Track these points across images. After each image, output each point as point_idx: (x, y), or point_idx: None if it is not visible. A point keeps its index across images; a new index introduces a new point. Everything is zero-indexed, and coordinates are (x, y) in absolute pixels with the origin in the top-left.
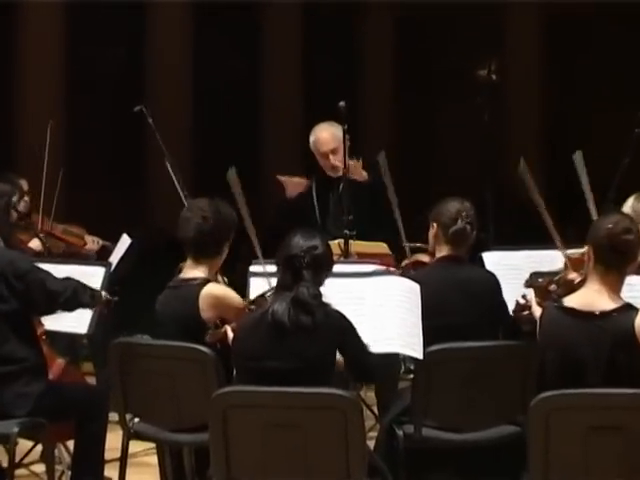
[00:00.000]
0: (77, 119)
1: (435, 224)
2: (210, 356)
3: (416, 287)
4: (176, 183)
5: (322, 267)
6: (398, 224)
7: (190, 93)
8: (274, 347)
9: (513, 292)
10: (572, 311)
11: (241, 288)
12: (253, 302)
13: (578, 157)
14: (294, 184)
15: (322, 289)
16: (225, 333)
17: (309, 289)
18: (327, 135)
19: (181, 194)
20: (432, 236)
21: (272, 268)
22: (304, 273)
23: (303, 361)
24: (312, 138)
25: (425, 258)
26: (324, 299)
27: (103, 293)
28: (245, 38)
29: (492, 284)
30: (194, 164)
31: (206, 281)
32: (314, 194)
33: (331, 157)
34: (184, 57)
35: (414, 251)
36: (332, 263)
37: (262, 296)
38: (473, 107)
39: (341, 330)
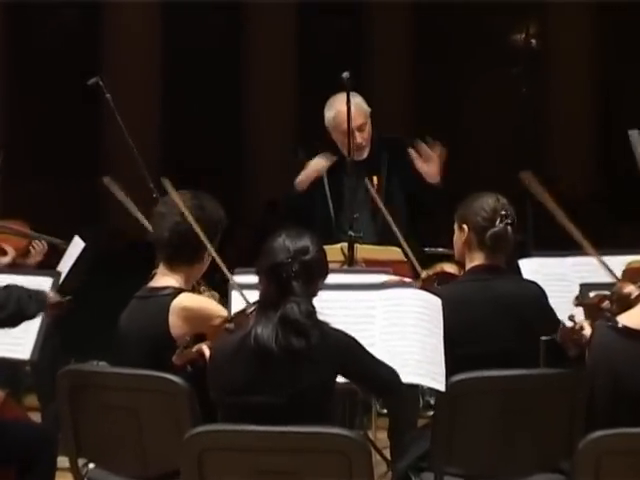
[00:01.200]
0: (16, 93)
1: (465, 226)
2: (182, 387)
3: (437, 301)
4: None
5: (315, 275)
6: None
7: (158, 62)
8: (259, 378)
9: (557, 308)
10: (629, 331)
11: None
12: (231, 320)
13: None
14: (314, 168)
15: (318, 304)
16: (198, 353)
17: (300, 305)
18: (353, 108)
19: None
20: (461, 242)
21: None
22: (293, 285)
23: (296, 394)
24: (330, 113)
25: (451, 268)
26: (320, 316)
27: (52, 294)
28: None
29: (539, 299)
30: (162, 152)
31: (179, 291)
32: (325, 183)
33: (357, 135)
34: (151, 17)
35: (431, 259)
36: (327, 269)
37: (242, 312)
38: (508, 80)
39: (342, 349)
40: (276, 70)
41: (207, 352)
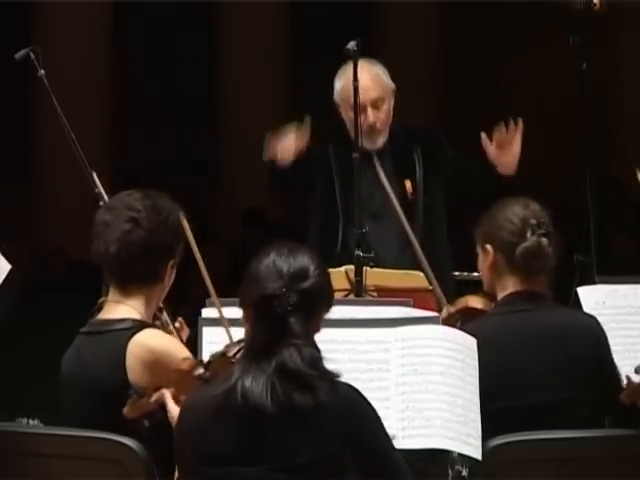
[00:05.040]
0: None
1: (489, 246)
2: (139, 455)
3: (471, 343)
4: (88, 172)
5: (318, 307)
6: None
7: (108, 32)
8: (249, 445)
9: (630, 349)
10: None
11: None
12: (207, 366)
13: None
14: (285, 144)
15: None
16: (157, 403)
17: (302, 350)
18: (368, 77)
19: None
20: (486, 267)
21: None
22: (290, 323)
23: (298, 467)
24: (339, 83)
25: (478, 302)
26: (327, 364)
27: None
28: None
29: (595, 335)
30: (112, 148)
31: (140, 325)
32: (334, 170)
33: (370, 112)
34: None
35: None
36: (332, 296)
37: (223, 356)
38: (563, 53)
39: (356, 417)
40: (260, 46)
41: (170, 403)
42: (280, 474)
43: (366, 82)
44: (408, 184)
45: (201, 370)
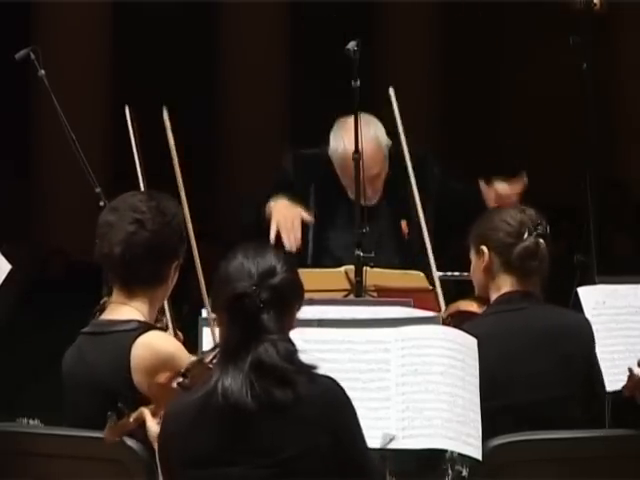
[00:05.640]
0: None
1: (484, 248)
2: (140, 455)
3: (472, 343)
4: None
5: (289, 302)
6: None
7: (108, 32)
8: (233, 444)
9: (629, 352)
10: None
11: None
12: (185, 373)
13: None
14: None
15: (315, 345)
16: (137, 422)
17: (277, 345)
18: (368, 149)
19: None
20: (480, 270)
21: None
22: (263, 319)
23: (284, 462)
24: (335, 143)
25: (472, 306)
26: (304, 357)
27: None
28: None
29: (589, 334)
30: (112, 148)
31: (145, 326)
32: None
33: (367, 186)
34: None
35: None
36: (302, 290)
37: (199, 363)
38: (563, 53)
39: (336, 408)
40: (260, 46)
41: (149, 421)
42: (266, 470)
43: (366, 158)
44: (404, 225)
45: (180, 379)
